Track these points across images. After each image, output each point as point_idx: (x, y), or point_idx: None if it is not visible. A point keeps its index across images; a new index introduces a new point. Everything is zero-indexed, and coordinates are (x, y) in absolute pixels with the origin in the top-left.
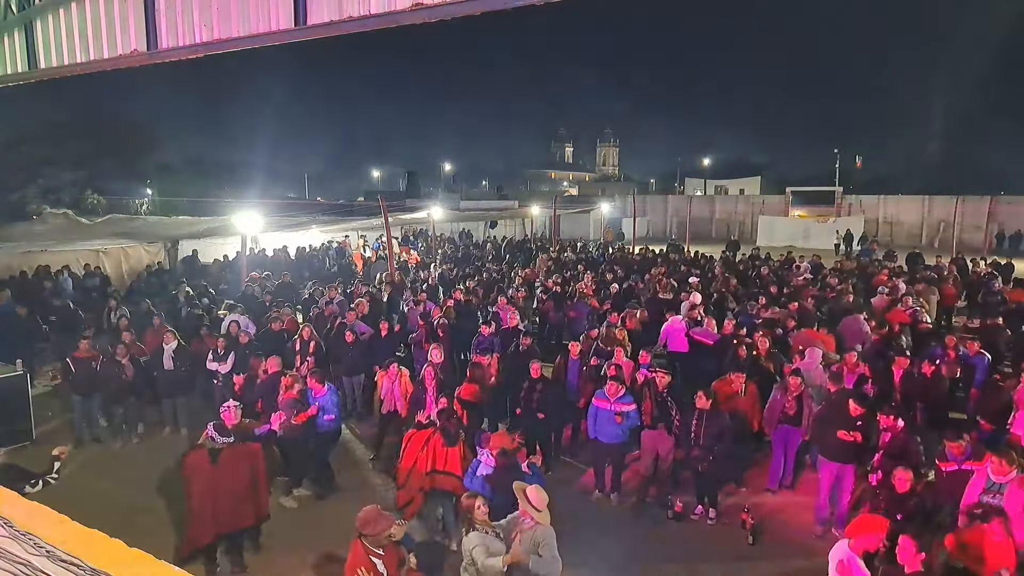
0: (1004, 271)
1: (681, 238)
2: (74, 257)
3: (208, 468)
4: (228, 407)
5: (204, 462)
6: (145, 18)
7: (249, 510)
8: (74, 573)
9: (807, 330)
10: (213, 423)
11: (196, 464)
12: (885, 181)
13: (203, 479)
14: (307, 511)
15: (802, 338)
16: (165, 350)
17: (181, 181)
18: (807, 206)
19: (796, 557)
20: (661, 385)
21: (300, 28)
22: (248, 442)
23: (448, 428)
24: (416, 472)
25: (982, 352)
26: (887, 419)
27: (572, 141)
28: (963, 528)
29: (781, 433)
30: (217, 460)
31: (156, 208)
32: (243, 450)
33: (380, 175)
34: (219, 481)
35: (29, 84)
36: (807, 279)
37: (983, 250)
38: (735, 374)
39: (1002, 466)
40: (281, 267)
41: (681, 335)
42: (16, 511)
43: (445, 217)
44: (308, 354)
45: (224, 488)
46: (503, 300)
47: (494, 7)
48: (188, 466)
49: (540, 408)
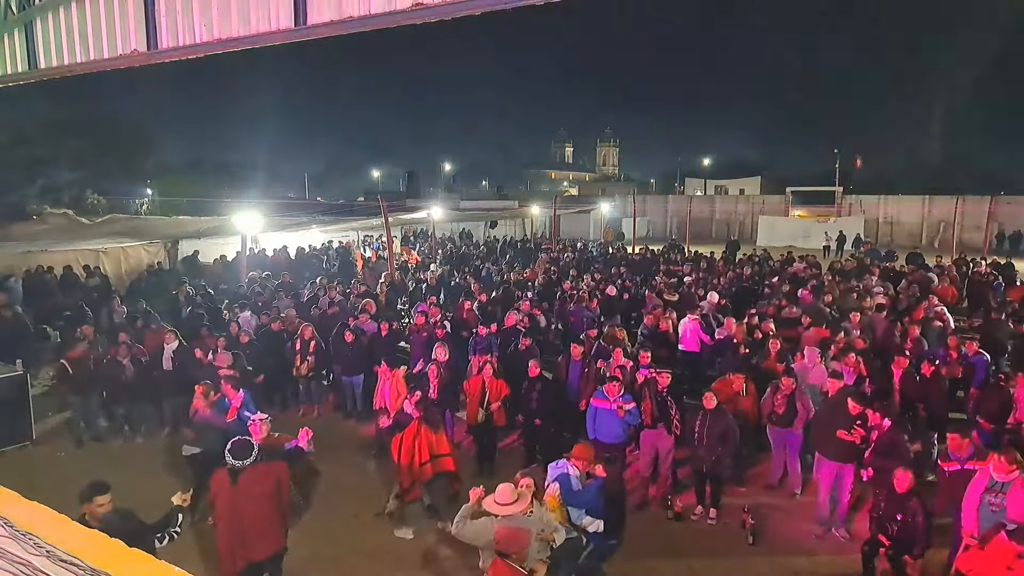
0: (1004, 271)
1: (681, 238)
2: (74, 257)
3: (229, 490)
4: (255, 420)
5: (225, 483)
6: (145, 18)
7: (271, 538)
8: (74, 573)
9: (816, 329)
10: (233, 440)
11: (218, 486)
12: (885, 181)
13: (224, 503)
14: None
15: (811, 337)
16: (165, 350)
17: (181, 181)
18: (807, 206)
19: (796, 557)
20: (661, 385)
21: (300, 28)
22: (274, 460)
23: (432, 416)
24: (415, 466)
25: (982, 352)
26: (875, 416)
27: (572, 141)
28: (971, 549)
29: (777, 433)
30: (237, 481)
31: (156, 208)
32: (265, 469)
33: (380, 175)
34: (240, 505)
35: (29, 84)
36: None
37: (983, 250)
38: (735, 374)
39: (1006, 465)
40: (281, 267)
41: (695, 335)
42: (16, 511)
43: (445, 217)
44: (308, 354)
45: (246, 513)
46: (526, 304)
47: (494, 7)
48: (212, 488)
49: (539, 408)
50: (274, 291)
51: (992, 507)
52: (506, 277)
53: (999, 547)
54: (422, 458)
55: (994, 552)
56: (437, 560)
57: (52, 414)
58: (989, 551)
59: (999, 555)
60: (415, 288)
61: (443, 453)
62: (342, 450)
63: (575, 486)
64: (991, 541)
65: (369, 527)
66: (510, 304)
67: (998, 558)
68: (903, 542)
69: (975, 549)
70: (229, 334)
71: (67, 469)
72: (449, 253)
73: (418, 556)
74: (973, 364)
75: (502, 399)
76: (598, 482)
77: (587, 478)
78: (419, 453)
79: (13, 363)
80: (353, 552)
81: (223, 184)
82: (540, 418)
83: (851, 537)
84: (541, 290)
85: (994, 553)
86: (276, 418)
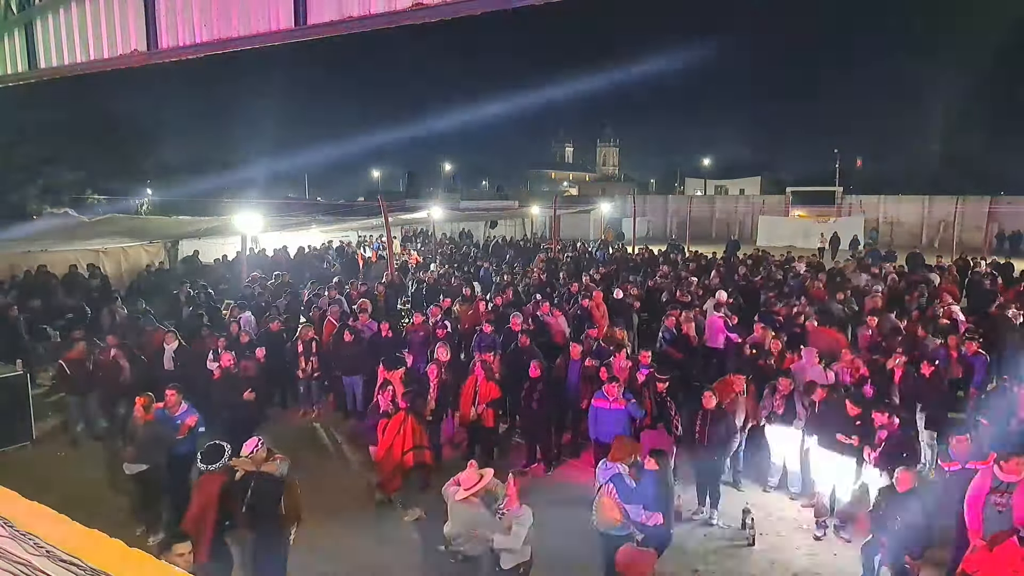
0: (1004, 271)
1: (681, 238)
2: (74, 257)
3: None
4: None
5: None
6: (145, 18)
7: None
8: (74, 573)
9: (823, 328)
10: (207, 444)
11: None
12: (885, 181)
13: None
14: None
15: (819, 337)
16: (166, 350)
17: (181, 181)
18: (807, 206)
19: (796, 557)
20: (661, 386)
21: (300, 28)
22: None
23: (419, 409)
24: (392, 455)
25: (982, 352)
26: (882, 417)
27: (572, 141)
28: (979, 551)
29: (775, 433)
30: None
31: (156, 208)
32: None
33: (380, 175)
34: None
35: (29, 84)
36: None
37: (983, 250)
38: (735, 375)
39: (1014, 465)
40: (281, 267)
41: (720, 332)
42: (16, 511)
43: (445, 217)
44: (311, 354)
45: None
46: (546, 306)
47: (494, 7)
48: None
49: (540, 408)
50: (275, 291)
51: (998, 507)
52: (518, 279)
53: (1008, 551)
54: (406, 446)
55: (1003, 555)
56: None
57: (52, 414)
58: (998, 553)
59: (1007, 559)
60: (416, 288)
61: (425, 445)
62: (342, 450)
63: (630, 484)
64: (1002, 544)
65: (368, 527)
66: (519, 306)
67: (1006, 561)
68: (903, 541)
69: (983, 551)
70: (229, 334)
71: (67, 469)
72: (450, 253)
73: (418, 560)
74: (973, 364)
75: (491, 402)
76: (652, 476)
77: (636, 472)
78: (404, 441)
79: (13, 363)
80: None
81: (223, 184)
82: (540, 418)
83: (851, 537)
84: (537, 288)
85: (1003, 556)
86: (276, 418)
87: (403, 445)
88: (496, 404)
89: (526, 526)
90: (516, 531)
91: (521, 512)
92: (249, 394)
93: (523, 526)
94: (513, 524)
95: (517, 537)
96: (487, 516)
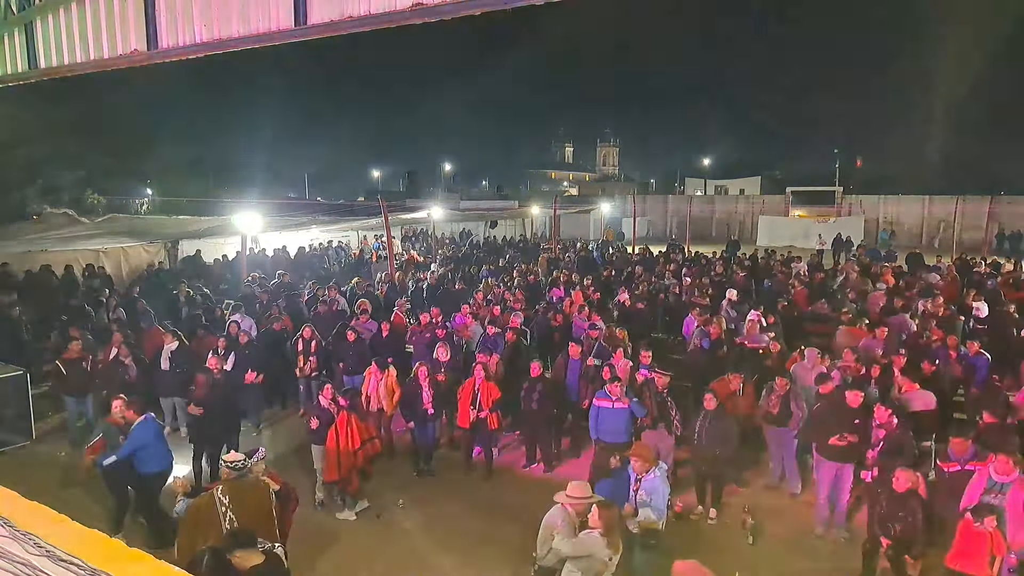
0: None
1: (681, 238)
2: (74, 257)
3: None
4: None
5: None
6: (145, 18)
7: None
8: (74, 573)
9: (849, 327)
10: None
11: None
12: (885, 181)
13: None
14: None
15: (844, 335)
16: (164, 350)
17: (181, 181)
18: (807, 206)
19: (796, 557)
20: (661, 385)
21: (300, 28)
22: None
23: (358, 404)
24: (345, 452)
25: (982, 352)
26: (883, 414)
27: (572, 141)
28: (956, 547)
29: (773, 433)
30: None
31: (156, 208)
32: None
33: (380, 175)
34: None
35: (29, 84)
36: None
37: (983, 250)
38: (733, 374)
39: (1006, 465)
40: (282, 267)
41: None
42: (16, 511)
43: (445, 217)
44: (311, 354)
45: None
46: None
47: (494, 7)
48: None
49: (540, 408)
50: (274, 292)
51: None
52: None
53: (967, 532)
54: (354, 445)
55: (969, 541)
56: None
57: (52, 414)
58: (967, 541)
59: (974, 542)
60: (415, 288)
61: (372, 436)
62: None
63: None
64: (961, 530)
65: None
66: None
67: (976, 546)
68: (903, 542)
69: (958, 546)
70: (229, 334)
71: (67, 469)
72: (450, 253)
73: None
74: (973, 364)
75: (493, 403)
76: (658, 474)
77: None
78: (352, 440)
79: (13, 363)
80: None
81: (223, 184)
82: (541, 418)
83: (851, 537)
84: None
85: (970, 542)
86: (276, 418)
87: (352, 445)
88: (496, 404)
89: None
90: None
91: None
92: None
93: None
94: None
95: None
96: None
